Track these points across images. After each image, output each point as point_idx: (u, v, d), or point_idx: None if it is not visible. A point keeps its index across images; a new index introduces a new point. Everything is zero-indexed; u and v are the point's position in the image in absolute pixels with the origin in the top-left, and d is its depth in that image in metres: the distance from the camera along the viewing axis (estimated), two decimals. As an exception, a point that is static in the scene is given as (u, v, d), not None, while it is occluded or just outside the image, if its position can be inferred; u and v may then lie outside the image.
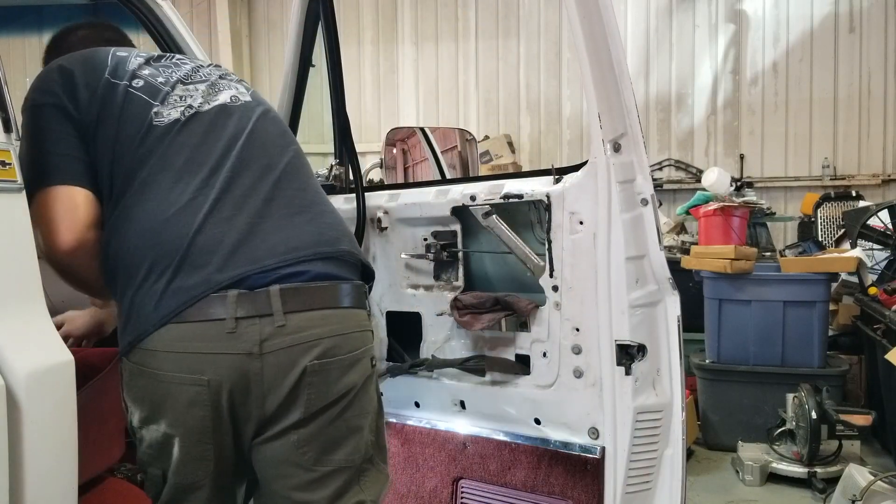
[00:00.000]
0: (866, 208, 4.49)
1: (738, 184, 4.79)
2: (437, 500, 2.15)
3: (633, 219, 1.72)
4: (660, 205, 2.12)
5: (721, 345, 4.01)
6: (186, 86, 1.53)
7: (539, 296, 1.91)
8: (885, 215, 4.13)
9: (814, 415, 3.37)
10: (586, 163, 1.78)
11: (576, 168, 1.83)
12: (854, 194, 5.70)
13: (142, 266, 1.35)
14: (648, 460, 1.77)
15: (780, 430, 3.66)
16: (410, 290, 2.17)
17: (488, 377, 2.02)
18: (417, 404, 2.18)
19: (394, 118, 7.22)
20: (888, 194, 6.18)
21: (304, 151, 1.62)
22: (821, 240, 5.28)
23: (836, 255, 4.21)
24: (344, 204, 2.24)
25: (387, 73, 7.43)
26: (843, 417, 3.38)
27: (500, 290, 2.10)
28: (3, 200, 1.25)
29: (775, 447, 3.66)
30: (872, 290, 3.80)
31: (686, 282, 3.99)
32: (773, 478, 3.58)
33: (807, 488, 3.46)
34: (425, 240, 2.11)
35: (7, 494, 1.16)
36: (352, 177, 2.33)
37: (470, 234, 2.10)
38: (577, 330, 1.82)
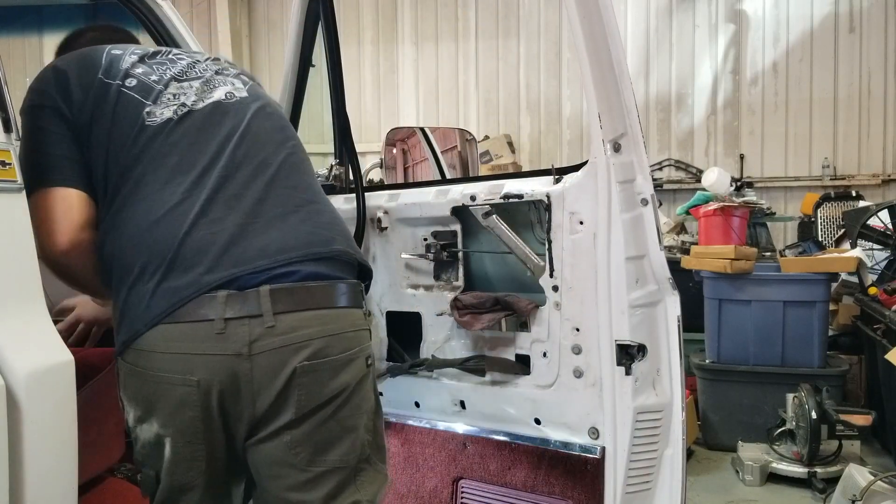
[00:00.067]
0: (866, 208, 4.49)
1: (738, 184, 4.79)
2: (437, 500, 2.15)
3: (633, 219, 1.72)
4: (660, 205, 2.12)
5: (721, 345, 4.01)
6: (181, 83, 1.51)
7: (539, 296, 1.91)
8: (885, 215, 4.13)
9: (814, 415, 3.37)
10: (586, 163, 1.78)
11: (576, 168, 1.82)
12: (854, 194, 5.70)
13: (134, 266, 1.35)
14: (648, 460, 1.76)
15: (780, 430, 3.66)
16: (410, 290, 2.17)
17: (488, 377, 2.02)
18: (417, 404, 2.18)
19: (394, 118, 7.22)
20: (888, 194, 6.18)
21: (303, 147, 1.60)
22: (821, 240, 5.28)
23: (836, 255, 4.21)
24: (344, 204, 2.24)
25: (387, 73, 7.43)
26: (843, 417, 3.38)
27: (500, 290, 2.09)
28: (3, 200, 1.25)
29: (775, 447, 3.66)
30: (872, 290, 3.80)
31: (686, 282, 3.99)
32: (773, 478, 3.58)
33: (807, 488, 3.46)
34: (425, 240, 2.11)
35: (7, 494, 1.16)
36: (352, 177, 2.33)
37: (470, 234, 2.09)
38: (577, 330, 1.82)
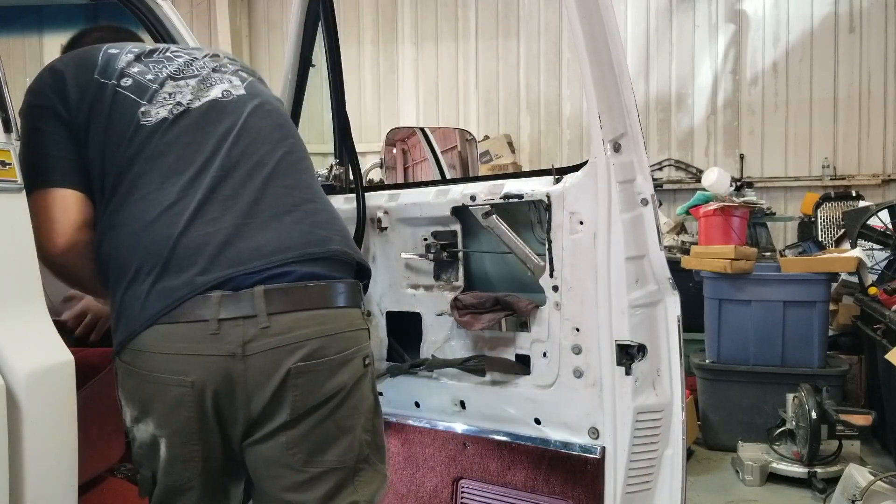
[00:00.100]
0: (866, 208, 4.49)
1: (738, 184, 4.79)
2: (437, 500, 2.15)
3: (633, 219, 1.72)
4: (660, 205, 2.11)
5: (721, 345, 4.01)
6: (177, 81, 1.50)
7: (539, 296, 1.91)
8: (885, 215, 4.13)
9: (814, 415, 3.37)
10: (586, 163, 1.78)
11: (576, 168, 1.82)
12: (854, 194, 5.70)
13: (130, 267, 1.35)
14: (648, 460, 1.76)
15: (780, 430, 3.66)
16: (410, 290, 2.17)
17: (488, 377, 2.02)
18: (417, 404, 2.18)
19: (394, 118, 7.22)
20: (888, 194, 6.18)
21: (303, 144, 1.59)
22: (821, 240, 5.28)
23: (836, 255, 4.21)
24: (344, 204, 2.24)
25: (387, 73, 7.43)
26: (843, 417, 3.38)
27: (500, 290, 2.09)
28: (3, 200, 1.26)
29: (775, 447, 3.66)
30: (872, 290, 3.80)
31: (686, 282, 3.99)
32: (773, 478, 3.58)
33: (807, 488, 3.46)
34: (425, 240, 2.11)
35: (7, 494, 1.16)
36: (352, 177, 2.33)
37: (470, 234, 2.09)
38: (577, 330, 1.82)
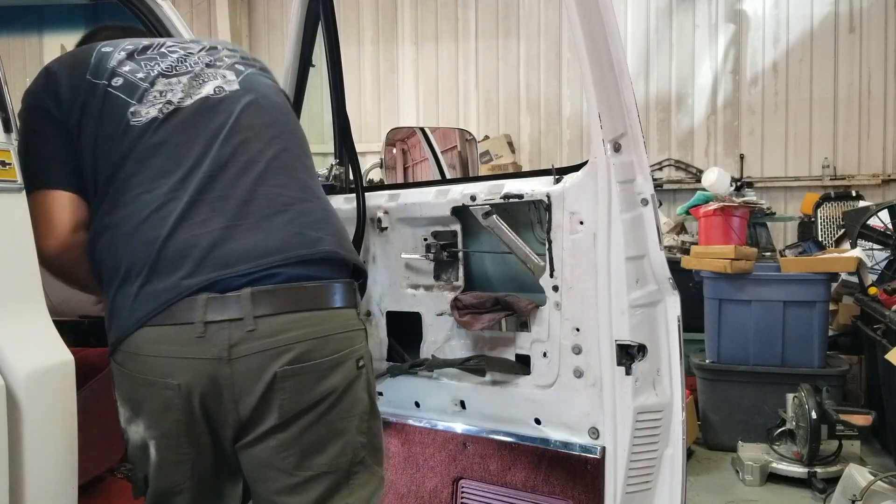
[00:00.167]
0: (866, 208, 4.49)
1: (738, 184, 4.79)
2: (437, 500, 2.15)
3: (633, 219, 1.72)
4: (660, 205, 2.11)
5: (721, 345, 4.01)
6: (169, 79, 1.47)
7: (539, 296, 1.91)
8: (885, 215, 4.13)
9: (814, 415, 3.37)
10: (586, 163, 1.78)
11: (576, 168, 1.82)
12: (854, 194, 5.70)
13: (120, 269, 1.35)
14: (648, 460, 1.76)
15: (780, 430, 3.66)
16: (410, 290, 2.17)
17: (488, 377, 2.02)
18: (417, 404, 2.18)
19: (394, 118, 7.22)
20: (888, 194, 6.18)
21: (301, 138, 1.56)
22: (821, 240, 5.28)
23: (836, 255, 4.21)
24: (344, 204, 2.23)
25: (387, 73, 7.43)
26: (843, 417, 3.38)
27: (500, 290, 2.09)
28: (3, 200, 1.26)
29: (775, 447, 3.66)
30: (872, 290, 3.80)
31: (686, 282, 3.99)
32: (773, 478, 3.58)
33: (807, 488, 3.46)
34: (425, 240, 2.11)
35: (7, 494, 1.16)
36: (352, 177, 2.33)
37: (470, 234, 2.09)
38: (578, 330, 1.82)
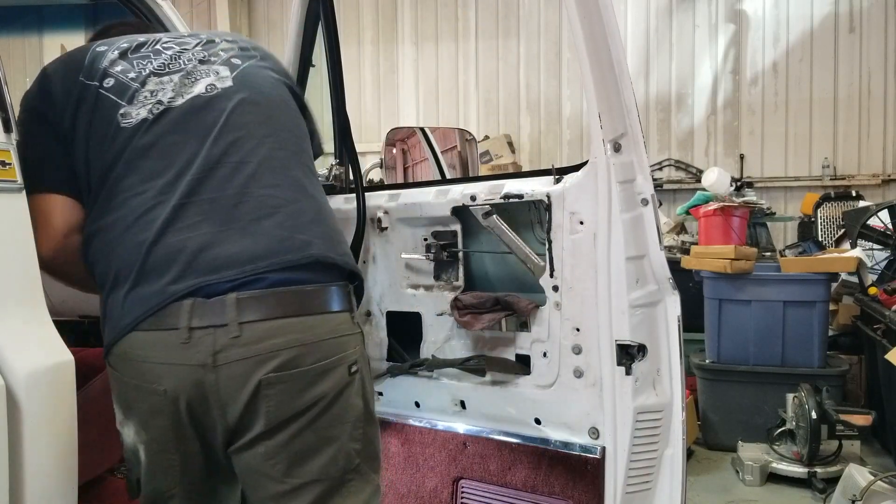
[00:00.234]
0: (866, 208, 4.49)
1: (738, 184, 4.80)
2: (437, 500, 2.15)
3: (633, 219, 1.71)
4: (660, 205, 2.11)
5: (721, 345, 4.01)
6: (160, 77, 1.45)
7: (539, 296, 1.91)
8: (885, 215, 4.13)
9: (814, 415, 3.37)
10: (586, 163, 1.78)
11: (576, 168, 1.82)
12: (854, 194, 5.70)
13: (110, 272, 1.34)
14: (648, 460, 1.76)
15: (780, 430, 3.66)
16: (410, 290, 2.17)
17: (488, 377, 2.02)
18: (417, 404, 2.18)
19: (394, 118, 7.22)
20: (888, 194, 6.18)
21: (297, 134, 1.53)
22: (821, 240, 5.28)
23: (836, 255, 4.21)
24: (344, 204, 2.23)
25: (387, 73, 7.43)
26: (843, 417, 3.38)
27: (500, 290, 2.09)
28: (3, 200, 1.26)
29: (775, 447, 3.66)
30: (872, 290, 3.80)
31: (686, 282, 3.99)
32: (773, 478, 3.58)
33: (807, 488, 3.46)
34: (425, 240, 2.11)
35: (7, 494, 1.16)
36: (352, 177, 2.33)
37: (470, 234, 2.09)
38: (578, 330, 1.82)
